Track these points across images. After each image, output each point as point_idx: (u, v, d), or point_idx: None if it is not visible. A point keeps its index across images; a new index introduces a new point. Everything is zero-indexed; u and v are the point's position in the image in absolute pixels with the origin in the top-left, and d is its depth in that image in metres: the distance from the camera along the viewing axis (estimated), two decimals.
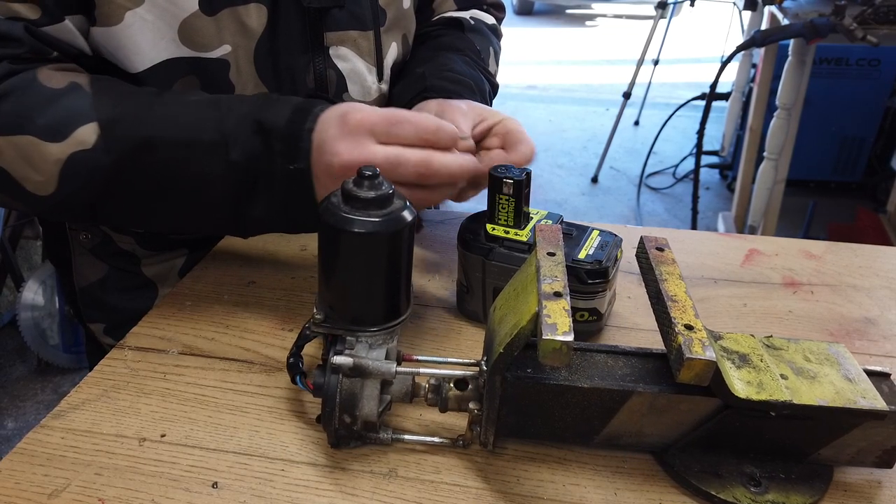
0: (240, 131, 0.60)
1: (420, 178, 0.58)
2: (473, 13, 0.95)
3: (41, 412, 1.97)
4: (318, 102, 0.62)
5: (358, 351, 0.50)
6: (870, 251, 0.83)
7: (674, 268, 0.52)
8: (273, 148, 0.60)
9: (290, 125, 0.60)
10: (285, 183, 0.60)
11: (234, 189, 0.61)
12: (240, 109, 0.61)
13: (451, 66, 0.82)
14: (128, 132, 0.60)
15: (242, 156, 0.60)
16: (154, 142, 0.60)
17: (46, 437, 0.53)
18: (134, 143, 0.59)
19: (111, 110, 0.60)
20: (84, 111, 0.60)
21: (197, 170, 0.60)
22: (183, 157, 0.60)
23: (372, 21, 0.78)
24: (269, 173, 0.60)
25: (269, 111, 0.60)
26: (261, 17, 0.70)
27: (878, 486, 0.51)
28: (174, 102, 0.62)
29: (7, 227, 2.07)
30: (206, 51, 0.69)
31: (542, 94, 5.10)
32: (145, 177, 0.61)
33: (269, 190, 0.61)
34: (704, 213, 3.19)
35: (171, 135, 0.60)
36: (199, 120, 0.61)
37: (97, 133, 0.59)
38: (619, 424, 0.50)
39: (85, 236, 0.82)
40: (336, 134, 0.58)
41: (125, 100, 0.62)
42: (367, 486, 0.49)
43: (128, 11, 0.65)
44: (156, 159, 0.60)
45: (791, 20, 2.19)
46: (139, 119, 0.60)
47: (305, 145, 0.59)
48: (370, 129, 0.58)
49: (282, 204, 0.61)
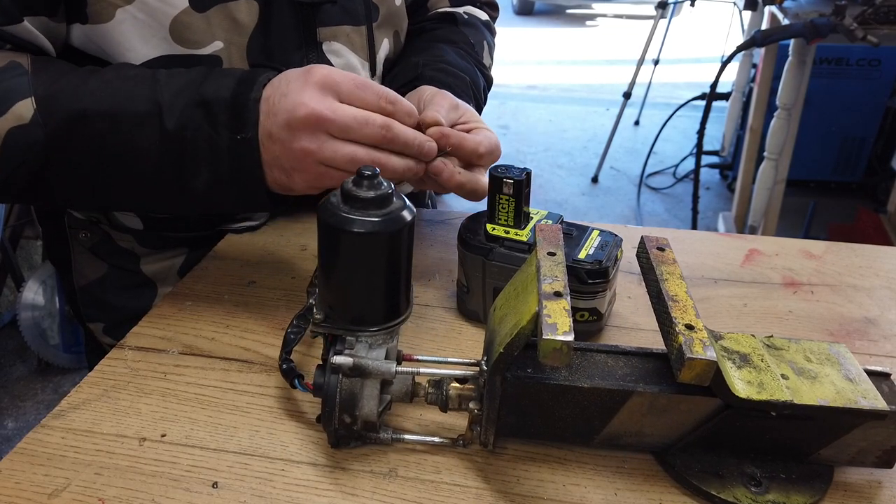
0: (176, 102, 0.60)
1: (382, 141, 0.59)
2: (467, 9, 0.96)
3: (41, 412, 1.97)
4: (263, 71, 0.62)
5: (358, 351, 0.50)
6: (870, 251, 0.83)
7: (674, 268, 0.52)
8: (217, 119, 0.59)
9: (235, 96, 0.60)
10: (230, 153, 0.60)
11: (171, 160, 0.61)
12: (177, 81, 0.61)
13: (445, 57, 0.83)
14: (61, 106, 0.60)
15: (178, 126, 0.59)
16: (87, 113, 0.60)
17: (47, 436, 0.53)
18: (67, 115, 0.60)
19: (48, 86, 0.61)
20: (21, 87, 0.60)
21: (130, 140, 0.60)
22: (115, 128, 0.60)
23: (364, 16, 0.78)
24: (213, 144, 0.60)
25: (212, 83, 0.61)
26: (252, 12, 0.70)
27: (879, 487, 0.51)
28: (111, 76, 0.62)
29: (7, 226, 2.07)
30: (198, 48, 0.69)
31: (542, 94, 5.10)
32: (81, 150, 0.61)
33: (213, 161, 0.60)
34: (705, 213, 3.19)
35: (104, 106, 0.60)
36: (133, 91, 0.61)
37: (33, 108, 0.60)
38: (620, 424, 0.50)
39: (84, 235, 0.82)
40: (299, 87, 0.58)
41: (63, 76, 0.62)
42: (367, 485, 0.49)
43: (118, 9, 0.65)
44: (89, 131, 0.60)
45: (791, 20, 2.19)
46: (74, 93, 0.60)
47: (252, 116, 0.59)
48: (335, 86, 0.58)
49: (227, 175, 0.61)
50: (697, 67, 5.43)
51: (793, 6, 2.31)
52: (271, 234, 0.82)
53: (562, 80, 5.39)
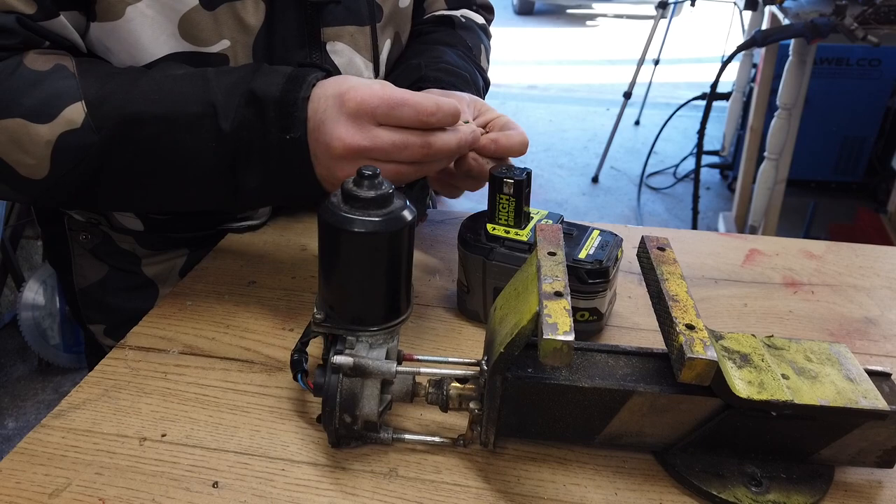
0: (229, 101, 0.59)
1: (423, 158, 0.59)
2: (464, 12, 0.96)
3: (42, 412, 1.97)
4: (311, 70, 0.61)
5: (358, 351, 0.50)
6: (870, 251, 0.83)
7: (675, 267, 0.52)
8: (267, 117, 0.59)
9: (284, 94, 0.59)
10: (280, 152, 0.59)
11: (226, 160, 0.60)
12: (227, 80, 0.61)
13: (445, 58, 0.83)
14: (114, 109, 0.60)
15: (233, 126, 0.59)
16: (141, 117, 0.59)
17: (47, 436, 0.53)
18: (120, 119, 0.59)
19: (97, 89, 0.61)
20: (70, 91, 0.60)
21: (186, 142, 0.60)
22: (170, 130, 0.60)
23: (368, 16, 0.78)
24: (264, 142, 0.59)
25: (261, 80, 0.60)
26: (258, 12, 0.70)
27: (879, 487, 0.51)
28: (160, 77, 0.62)
29: (8, 226, 2.07)
30: (206, 45, 0.69)
31: (542, 93, 5.10)
32: (135, 153, 0.61)
33: (264, 159, 0.60)
34: (705, 213, 3.19)
35: (157, 109, 0.60)
36: (185, 93, 0.60)
37: (84, 112, 0.59)
38: (620, 424, 0.50)
39: (85, 236, 0.82)
40: (335, 116, 0.58)
41: (111, 78, 0.62)
42: (367, 485, 0.49)
43: (128, 6, 0.65)
44: (144, 134, 0.60)
45: (792, 20, 2.19)
46: (125, 96, 0.60)
47: (301, 114, 0.59)
48: (371, 112, 0.57)
49: (278, 173, 0.61)
50: (698, 67, 5.43)
51: (793, 6, 2.31)
52: (272, 233, 0.82)
53: (562, 80, 5.39)
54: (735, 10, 3.60)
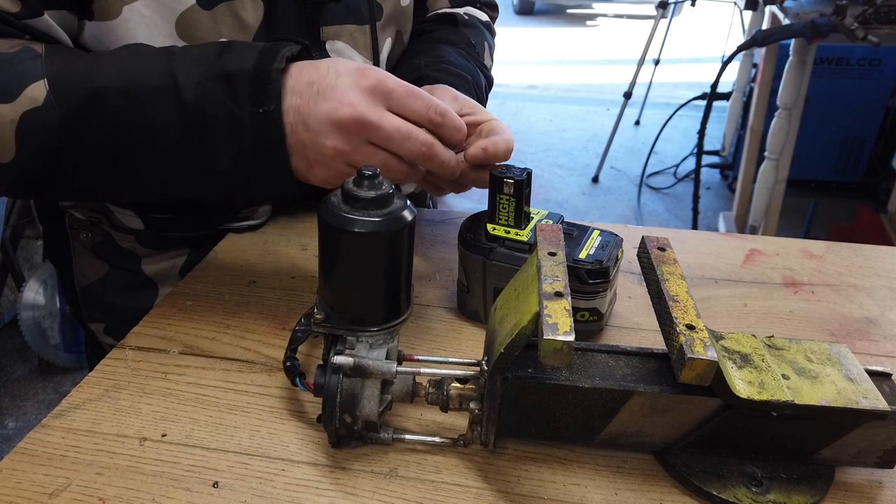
0: (193, 73, 0.58)
1: (421, 158, 0.59)
2: (467, 10, 0.96)
3: (42, 412, 1.97)
4: (285, 43, 0.60)
5: (358, 351, 0.50)
6: (871, 251, 0.83)
7: (675, 268, 0.52)
8: (239, 91, 0.57)
9: (257, 67, 0.57)
10: (252, 128, 0.58)
11: (192, 136, 0.59)
12: (192, 53, 0.60)
13: (446, 57, 0.82)
14: (75, 85, 0.58)
15: (196, 98, 0.58)
16: (101, 92, 0.58)
17: (47, 436, 0.53)
18: (81, 95, 0.58)
19: (60, 67, 0.60)
20: (34, 70, 0.59)
21: (147, 116, 0.58)
22: (131, 104, 0.58)
23: (368, 15, 0.78)
24: (234, 118, 0.58)
25: (232, 55, 0.59)
26: (257, 11, 0.70)
27: (880, 487, 0.51)
28: (125, 54, 0.61)
29: (8, 226, 2.07)
30: None
31: (542, 93, 5.10)
32: (97, 130, 0.59)
33: (235, 136, 0.58)
34: (705, 213, 3.19)
35: (118, 83, 0.58)
36: (148, 66, 0.59)
37: (46, 89, 0.58)
38: (620, 424, 0.50)
39: (85, 235, 0.82)
40: (349, 84, 0.57)
41: (78, 58, 0.61)
42: (367, 485, 0.49)
43: (125, 6, 0.65)
44: (104, 110, 0.58)
45: (792, 20, 2.19)
46: (87, 72, 0.59)
47: (275, 87, 0.57)
48: (388, 93, 0.57)
49: (250, 151, 0.59)
50: (698, 67, 5.43)
51: (793, 6, 2.31)
52: (272, 233, 0.82)
53: (562, 80, 5.39)
54: (735, 10, 3.60)
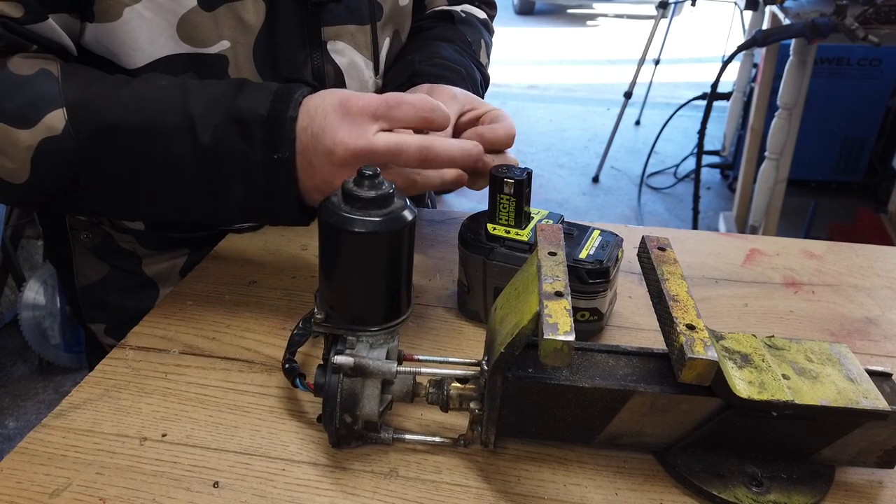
0: (210, 115, 0.59)
1: (422, 164, 0.59)
2: (465, 7, 0.96)
3: (42, 412, 1.97)
4: (297, 87, 0.61)
5: (359, 351, 0.50)
6: (871, 251, 0.83)
7: (675, 267, 0.52)
8: (253, 136, 0.58)
9: (272, 113, 0.59)
10: (266, 172, 0.59)
11: (205, 175, 0.60)
12: (209, 93, 0.60)
13: (441, 53, 0.83)
14: (92, 116, 0.59)
15: (213, 140, 0.59)
16: (117, 126, 0.59)
17: (48, 436, 0.53)
18: (98, 127, 0.59)
19: (78, 95, 0.60)
20: (52, 97, 0.60)
21: (162, 154, 0.59)
22: (147, 140, 0.59)
23: (369, 15, 0.78)
24: (248, 161, 0.59)
25: (246, 98, 0.59)
26: (258, 11, 0.70)
27: (880, 487, 0.51)
28: (141, 87, 0.61)
29: (8, 226, 2.07)
30: (205, 46, 0.69)
31: (543, 93, 5.10)
32: (112, 162, 0.60)
33: (248, 178, 0.60)
34: (705, 213, 3.19)
35: (135, 118, 0.59)
36: (164, 103, 0.60)
37: (65, 118, 0.59)
38: (621, 424, 0.50)
39: (86, 236, 0.82)
40: (336, 122, 0.58)
41: (93, 84, 0.61)
42: (367, 485, 0.49)
43: (126, 7, 0.65)
44: (121, 144, 0.59)
45: (792, 20, 2.19)
46: (104, 103, 0.60)
47: (289, 134, 0.58)
48: (372, 113, 0.58)
49: (262, 193, 0.60)
50: (698, 67, 5.43)
51: (794, 6, 2.31)
52: (272, 233, 0.82)
53: (562, 80, 5.39)
54: (735, 9, 3.60)
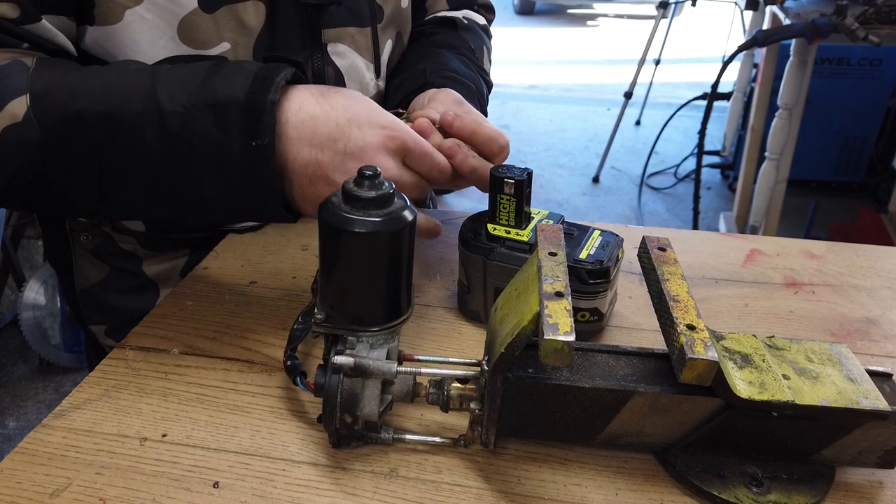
0: (178, 100, 0.55)
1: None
2: (465, 13, 0.96)
3: (42, 412, 1.97)
4: (279, 69, 0.57)
5: (359, 351, 0.50)
6: (871, 251, 0.83)
7: (676, 268, 0.52)
8: (229, 123, 0.55)
9: (250, 97, 0.55)
10: (244, 161, 0.56)
11: (176, 166, 0.56)
12: (178, 76, 0.57)
13: (450, 65, 0.83)
14: (57, 104, 0.56)
15: (182, 127, 0.55)
16: (83, 115, 0.56)
17: (48, 436, 0.53)
18: (62, 115, 0.56)
19: (45, 84, 0.57)
20: (19, 85, 0.57)
21: (129, 143, 0.56)
22: (112, 129, 0.56)
23: (369, 17, 0.78)
24: (223, 150, 0.55)
25: (222, 82, 0.56)
26: (259, 13, 0.70)
27: (880, 487, 0.51)
28: (110, 72, 0.59)
29: (9, 226, 2.07)
30: (206, 48, 0.69)
31: (543, 93, 5.10)
32: (78, 152, 0.57)
33: (223, 169, 0.56)
34: (706, 213, 3.19)
35: (100, 105, 0.56)
36: (131, 89, 0.56)
37: (27, 105, 0.56)
38: (621, 424, 0.50)
39: (86, 237, 0.82)
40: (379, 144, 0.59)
41: (66, 74, 0.59)
42: (368, 485, 0.49)
43: (127, 10, 0.65)
44: (86, 134, 0.56)
45: (793, 20, 2.19)
46: (70, 90, 0.57)
47: (269, 120, 0.54)
48: (407, 151, 0.61)
49: (239, 185, 0.57)
50: (698, 67, 5.43)
51: (794, 6, 2.31)
52: (272, 233, 0.82)
53: (563, 80, 5.39)
54: (736, 10, 3.60)
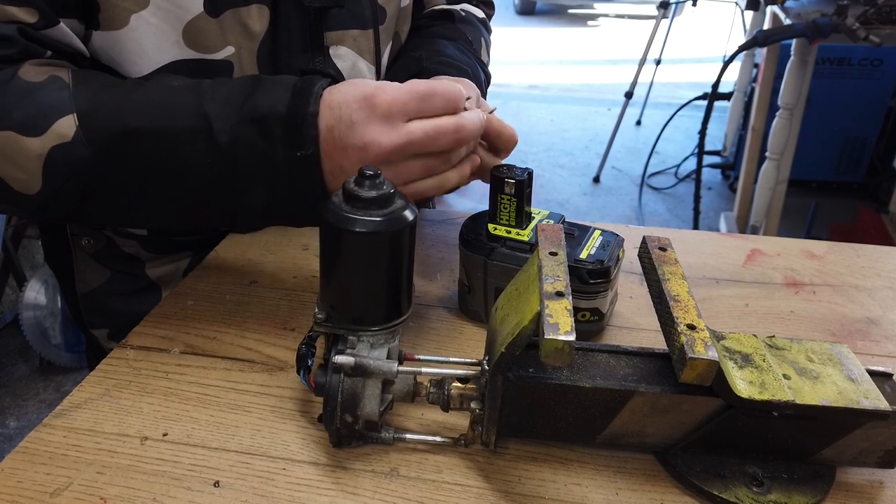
0: (225, 114, 0.57)
1: (458, 144, 0.58)
2: (464, 6, 0.96)
3: (43, 411, 1.97)
4: (315, 80, 0.59)
5: (359, 350, 0.50)
6: (872, 251, 0.83)
7: (676, 268, 0.52)
8: (272, 135, 0.57)
9: (291, 110, 0.57)
10: (289, 170, 0.57)
11: (224, 178, 0.58)
12: (224, 91, 0.59)
13: (445, 51, 0.82)
14: (105, 122, 0.58)
15: (230, 140, 0.57)
16: (132, 130, 0.57)
17: (48, 435, 0.53)
18: (112, 133, 0.57)
19: (89, 101, 0.59)
20: (62, 103, 0.58)
21: (179, 158, 0.58)
22: (162, 144, 0.57)
23: (371, 19, 0.78)
24: (270, 160, 0.57)
25: (262, 95, 0.58)
26: (262, 17, 0.70)
27: (881, 487, 0.51)
28: (154, 89, 0.60)
29: (10, 226, 2.07)
30: (211, 52, 0.69)
31: (543, 93, 5.10)
32: (128, 168, 0.59)
33: (269, 178, 0.58)
34: (706, 213, 3.19)
35: (149, 122, 0.57)
36: (179, 105, 0.58)
37: (76, 125, 0.57)
38: (622, 424, 0.50)
39: (87, 241, 0.81)
40: (364, 118, 0.56)
41: (105, 90, 0.60)
42: (368, 485, 0.49)
43: (133, 14, 0.64)
44: (136, 149, 0.58)
45: (793, 20, 2.19)
46: (117, 108, 0.58)
47: (310, 131, 0.56)
48: (403, 109, 0.56)
49: (286, 193, 0.59)
50: (699, 67, 5.43)
51: (795, 6, 2.31)
52: (273, 233, 0.82)
53: (563, 80, 5.39)
54: (736, 10, 3.60)
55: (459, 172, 0.61)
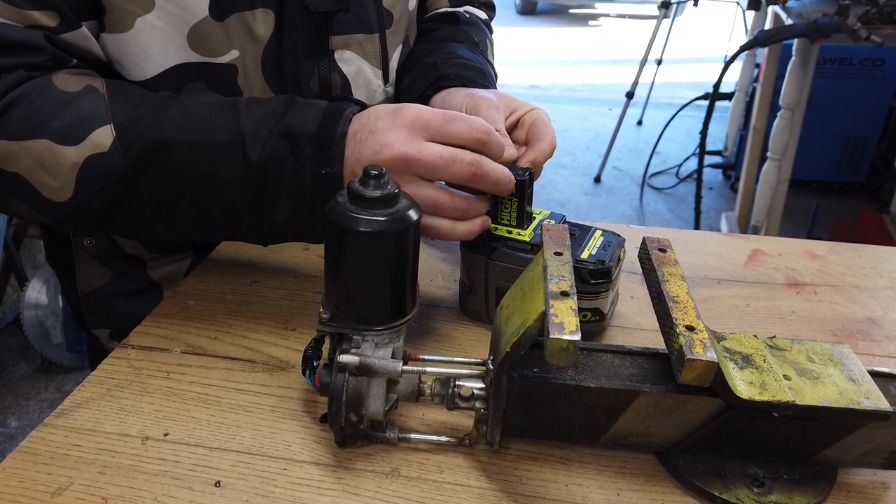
0: (259, 132, 0.59)
1: (471, 179, 0.58)
2: (467, 8, 0.96)
3: (44, 411, 1.97)
4: (348, 105, 0.61)
5: (364, 350, 0.50)
6: (873, 251, 0.83)
7: (676, 269, 0.52)
8: (302, 152, 0.58)
9: (322, 129, 0.59)
10: (313, 187, 0.59)
11: (253, 191, 0.60)
12: (258, 110, 0.60)
13: (458, 53, 0.82)
14: (142, 134, 0.59)
15: (261, 157, 0.58)
16: (168, 143, 0.59)
17: (50, 435, 0.53)
18: (148, 145, 0.59)
19: (126, 112, 0.60)
20: (99, 114, 0.59)
21: (212, 171, 0.59)
22: (197, 157, 0.59)
23: (377, 24, 0.78)
24: (295, 176, 0.59)
25: (295, 114, 0.59)
26: (268, 22, 0.69)
27: (883, 488, 0.51)
28: (190, 104, 0.61)
29: (11, 225, 2.07)
30: (215, 56, 0.69)
31: (545, 93, 5.09)
32: (161, 179, 0.60)
33: (294, 194, 0.59)
34: (707, 213, 3.19)
35: (185, 135, 0.59)
36: (214, 120, 0.60)
37: (113, 136, 0.59)
38: (626, 424, 0.50)
39: (89, 241, 0.81)
40: (387, 125, 0.57)
41: (141, 102, 0.61)
42: (369, 485, 0.49)
43: (138, 18, 0.64)
44: (170, 161, 0.59)
45: (795, 20, 2.18)
46: (154, 121, 0.59)
47: (338, 150, 0.58)
48: (425, 125, 0.57)
49: (308, 208, 0.60)
50: (700, 67, 5.42)
51: (796, 6, 2.31)
52: None
53: (564, 80, 5.39)
54: (738, 9, 3.59)
55: (470, 227, 0.60)
